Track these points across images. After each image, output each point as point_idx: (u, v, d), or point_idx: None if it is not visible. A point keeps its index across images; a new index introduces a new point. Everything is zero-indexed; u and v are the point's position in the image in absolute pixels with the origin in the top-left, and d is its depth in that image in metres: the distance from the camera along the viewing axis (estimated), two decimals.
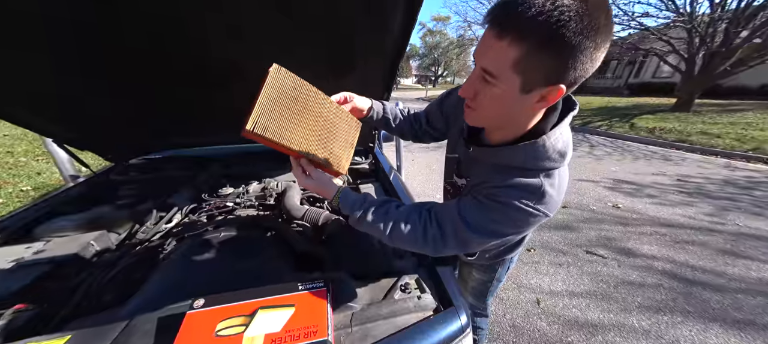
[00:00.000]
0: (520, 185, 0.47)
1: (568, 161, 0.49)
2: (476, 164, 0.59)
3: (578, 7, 0.32)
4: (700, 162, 4.35)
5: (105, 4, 0.63)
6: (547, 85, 0.39)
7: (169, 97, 1.04)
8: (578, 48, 0.34)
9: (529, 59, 0.36)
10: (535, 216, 0.47)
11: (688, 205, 2.82)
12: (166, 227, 1.04)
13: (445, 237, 0.52)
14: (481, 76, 0.41)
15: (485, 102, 0.44)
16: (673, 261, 1.95)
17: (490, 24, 0.37)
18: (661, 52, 7.83)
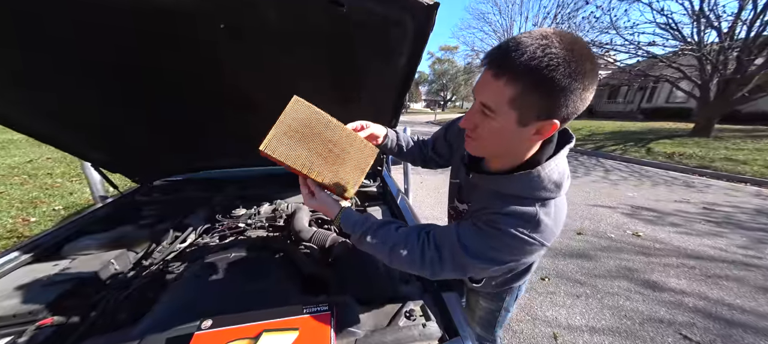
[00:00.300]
0: (516, 213, 0.48)
1: (565, 192, 0.51)
2: (476, 190, 0.61)
3: (566, 54, 0.36)
4: (726, 189, 4.12)
5: (149, 49, 0.74)
6: (541, 120, 0.42)
7: (194, 125, 1.15)
8: (568, 89, 0.38)
9: (524, 97, 0.40)
10: (530, 244, 0.47)
11: (718, 236, 2.63)
12: (180, 247, 1.09)
13: (442, 261, 0.53)
14: (480, 109, 0.45)
15: (484, 133, 0.48)
16: (706, 298, 1.79)
17: (488, 65, 0.42)
18: (672, 79, 7.79)
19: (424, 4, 0.65)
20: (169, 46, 0.73)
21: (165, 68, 0.81)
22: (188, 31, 0.68)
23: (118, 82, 0.86)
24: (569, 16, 10.99)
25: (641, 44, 7.52)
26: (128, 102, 0.95)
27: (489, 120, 0.44)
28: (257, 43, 0.74)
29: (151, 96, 0.94)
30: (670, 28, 7.17)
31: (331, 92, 0.99)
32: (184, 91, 0.92)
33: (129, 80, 0.85)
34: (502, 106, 0.42)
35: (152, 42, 0.70)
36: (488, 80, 0.42)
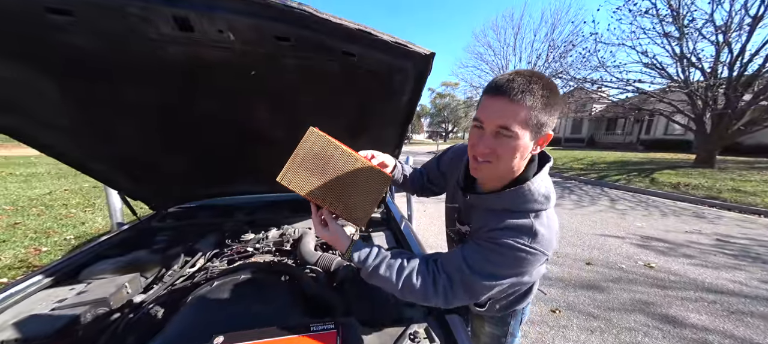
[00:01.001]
0: (512, 226, 0.54)
1: (553, 205, 0.57)
2: (474, 210, 0.66)
3: (547, 82, 0.50)
4: (739, 221, 4.02)
5: (185, 92, 0.86)
6: (541, 134, 0.53)
7: (210, 156, 1.25)
8: (552, 108, 0.51)
9: (533, 116, 0.49)
10: (532, 254, 0.52)
11: (737, 269, 2.53)
12: (190, 271, 1.12)
13: (454, 287, 0.56)
14: (496, 133, 0.51)
15: (505, 154, 0.52)
16: (733, 337, 1.68)
17: (501, 92, 0.49)
18: (666, 112, 8.09)
19: (422, 53, 0.79)
20: (203, 90, 0.85)
21: (193, 107, 0.93)
22: (223, 79, 0.80)
23: (152, 120, 0.98)
24: (560, 56, 11.84)
25: (630, 81, 7.99)
26: (158, 137, 1.07)
27: (507, 140, 0.50)
28: (276, 85, 0.87)
29: (175, 130, 1.05)
30: (656, 67, 7.66)
31: (340, 126, 1.11)
32: (203, 126, 1.03)
33: (162, 118, 0.97)
34: (519, 126, 0.49)
35: (189, 86, 0.83)
36: (505, 105, 0.49)
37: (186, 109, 0.93)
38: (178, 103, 0.90)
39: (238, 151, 1.21)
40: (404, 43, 0.77)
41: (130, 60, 0.70)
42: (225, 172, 1.38)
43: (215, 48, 0.65)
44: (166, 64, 0.71)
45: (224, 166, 1.33)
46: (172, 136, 1.06)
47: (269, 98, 0.93)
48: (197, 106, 0.92)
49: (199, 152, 1.20)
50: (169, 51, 0.65)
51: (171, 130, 1.03)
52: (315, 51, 0.71)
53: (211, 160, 1.26)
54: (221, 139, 1.12)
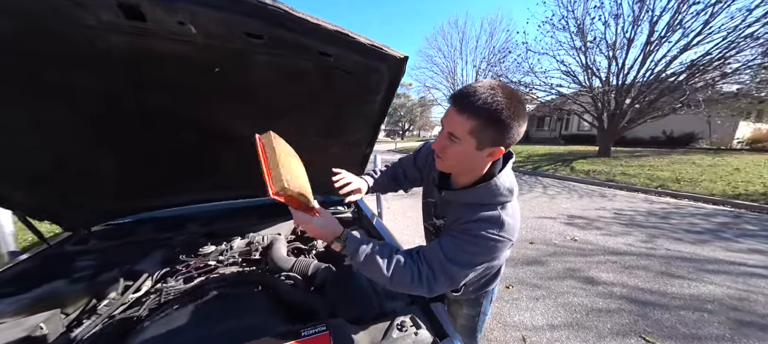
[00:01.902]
0: (484, 218, 0.61)
1: (516, 196, 0.66)
2: (449, 205, 0.73)
3: (507, 102, 0.53)
4: (626, 197, 5.19)
5: (122, 87, 0.73)
6: (492, 146, 0.57)
7: (155, 162, 1.05)
8: (509, 125, 0.54)
9: (480, 129, 0.54)
10: (501, 241, 0.60)
11: (627, 234, 3.28)
12: (134, 296, 0.95)
13: (436, 275, 0.60)
14: (448, 136, 0.59)
15: (451, 155, 0.61)
16: (627, 286, 2.18)
17: (453, 103, 0.56)
18: (578, 112, 9.91)
19: (397, 56, 0.82)
20: (151, 85, 0.72)
21: (136, 105, 0.77)
22: (179, 75, 0.70)
23: (75, 119, 0.78)
24: (499, 61, 13.40)
25: (553, 85, 9.56)
26: (81, 140, 0.86)
27: (455, 145, 0.58)
28: (245, 84, 0.79)
29: (108, 132, 0.86)
30: (570, 74, 9.32)
31: (314, 127, 1.07)
32: (147, 127, 0.86)
33: (90, 116, 0.78)
34: (464, 135, 0.56)
35: (133, 81, 0.70)
36: (453, 115, 0.56)
37: (126, 107, 0.78)
38: (116, 99, 0.75)
39: (193, 155, 1.06)
40: (380, 46, 0.79)
41: (50, 45, 0.56)
42: (175, 179, 1.19)
43: (173, 41, 0.57)
44: (102, 54, 0.59)
45: (174, 172, 1.15)
46: (102, 138, 0.87)
47: (236, 97, 0.84)
48: (142, 103, 0.78)
49: (141, 157, 1.01)
50: (110, 40, 0.54)
51: (102, 131, 0.85)
52: (290, 50, 0.69)
53: (156, 165, 1.08)
54: (171, 142, 0.97)
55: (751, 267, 2.48)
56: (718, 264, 2.52)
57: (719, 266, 2.49)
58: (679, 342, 1.60)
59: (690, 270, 2.41)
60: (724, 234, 3.28)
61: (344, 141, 1.17)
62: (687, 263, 2.55)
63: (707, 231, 3.38)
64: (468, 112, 0.53)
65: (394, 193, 1.04)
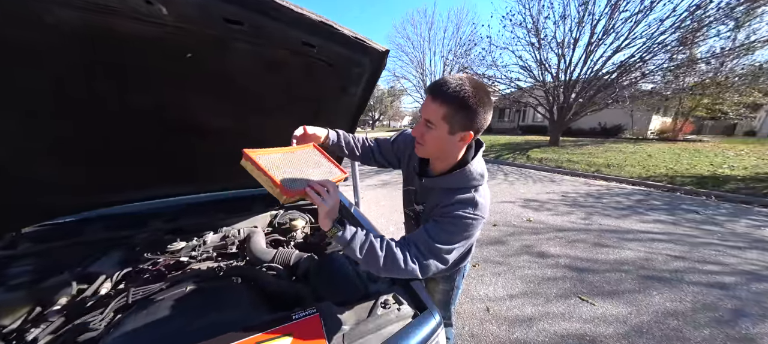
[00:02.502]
0: (460, 200, 0.69)
1: (486, 180, 0.76)
2: (428, 191, 0.80)
3: (473, 91, 0.61)
4: (570, 181, 5.98)
5: (70, 70, 0.64)
6: (463, 131, 0.65)
7: (110, 153, 0.94)
8: (476, 111, 0.62)
9: (451, 115, 0.62)
10: (476, 219, 0.69)
11: (571, 214, 3.81)
12: (91, 300, 0.86)
13: (425, 257, 0.66)
14: (425, 123, 0.66)
15: (429, 140, 0.68)
16: (569, 257, 2.58)
17: (429, 93, 0.64)
18: (533, 105, 10.92)
19: (379, 50, 0.85)
20: (110, 69, 0.64)
21: (87, 91, 0.68)
22: (144, 59, 0.63)
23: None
24: (465, 53, 13.98)
25: (512, 79, 10.34)
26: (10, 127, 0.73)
27: (431, 130, 0.66)
28: (222, 71, 0.75)
29: (49, 119, 0.74)
30: (526, 69, 10.17)
31: (294, 117, 1.04)
32: (100, 114, 0.77)
33: (21, 100, 0.67)
34: (438, 120, 0.63)
35: (86, 63, 0.61)
36: (429, 103, 0.63)
37: (75, 91, 0.68)
38: (62, 82, 0.65)
39: (155, 147, 0.97)
40: (363, 39, 0.81)
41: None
42: (131, 173, 1.07)
43: (138, 21, 0.52)
44: (49, 29, 0.51)
45: (130, 166, 1.03)
46: (40, 126, 0.75)
47: (211, 85, 0.79)
48: (94, 89, 0.69)
49: (87, 149, 0.89)
50: (59, 15, 0.47)
51: (40, 118, 0.73)
52: (271, 38, 0.66)
53: (108, 158, 0.96)
54: (128, 133, 0.87)
55: (654, 234, 3.10)
56: (633, 234, 3.10)
57: (634, 235, 3.06)
58: (604, 297, 1.98)
59: (615, 240, 2.93)
60: (639, 209, 4.02)
61: None
62: (613, 234, 3.09)
63: (628, 207, 4.10)
64: (440, 100, 0.62)
65: (369, 185, 1.06)
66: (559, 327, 1.69)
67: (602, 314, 1.81)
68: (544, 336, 1.63)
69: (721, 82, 8.43)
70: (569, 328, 1.69)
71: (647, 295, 2.00)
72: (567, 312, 1.84)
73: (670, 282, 2.17)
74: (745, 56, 7.91)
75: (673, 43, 7.35)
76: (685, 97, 9.91)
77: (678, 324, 1.72)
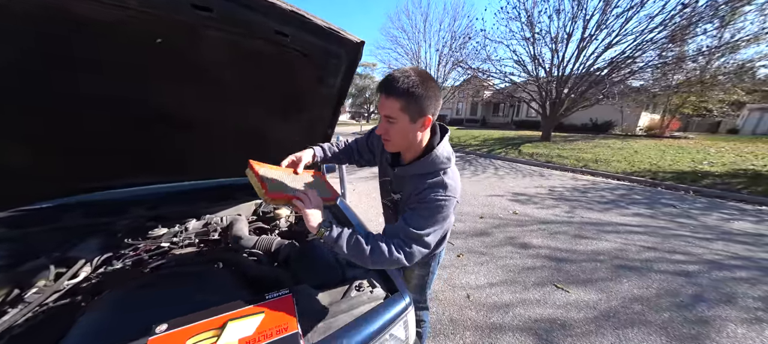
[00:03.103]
0: (431, 184, 0.74)
1: (454, 162, 0.80)
2: (402, 180, 0.84)
3: (419, 80, 0.66)
4: (559, 176, 6.13)
5: (27, 55, 0.64)
6: (421, 117, 0.69)
7: (80, 139, 0.94)
8: (427, 96, 0.67)
9: (406, 105, 0.67)
10: (448, 199, 0.73)
11: (556, 207, 3.93)
12: (70, 283, 0.88)
13: (409, 245, 0.70)
14: (386, 120, 0.70)
15: (394, 134, 0.72)
16: (550, 247, 2.68)
17: (382, 92, 0.68)
18: (526, 100, 11.02)
19: (354, 41, 0.86)
20: (68, 55, 0.64)
21: (47, 77, 0.68)
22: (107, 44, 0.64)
23: None
24: (460, 46, 13.90)
25: (507, 74, 10.38)
26: None
27: (393, 125, 0.70)
28: (195, 59, 0.75)
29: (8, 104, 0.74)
30: (520, 64, 10.20)
31: (273, 107, 1.06)
32: (64, 101, 0.78)
33: None
34: (397, 114, 0.68)
35: (42, 48, 0.61)
36: (384, 101, 0.68)
37: (36, 78, 0.68)
38: (21, 68, 0.65)
39: (130, 134, 0.97)
40: (336, 29, 0.82)
41: None
42: (106, 160, 1.08)
43: (96, 3, 0.52)
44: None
45: (103, 153, 1.03)
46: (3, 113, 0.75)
47: (185, 73, 0.79)
48: (54, 75, 0.69)
49: (53, 135, 0.89)
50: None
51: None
52: (243, 26, 0.67)
53: (77, 145, 0.96)
54: (98, 119, 0.87)
55: (632, 226, 3.24)
56: (612, 226, 3.23)
57: (613, 227, 3.20)
58: (579, 285, 2.08)
59: (594, 232, 3.05)
60: (621, 203, 4.17)
61: (305, 121, 1.18)
62: (593, 227, 3.21)
63: (610, 201, 4.25)
64: (394, 95, 0.66)
65: (361, 177, 1.11)
66: (534, 313, 1.78)
67: (575, 300, 1.92)
68: (518, 320, 1.72)
69: (706, 80, 8.64)
70: (543, 313, 1.78)
71: (618, 283, 2.12)
72: (542, 298, 1.93)
73: (639, 270, 2.30)
74: (730, 54, 8.12)
75: (662, 40, 7.48)
76: (673, 95, 10.16)
77: (642, 309, 1.83)
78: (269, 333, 0.59)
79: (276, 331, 0.59)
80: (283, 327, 0.60)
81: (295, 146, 0.94)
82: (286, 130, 1.25)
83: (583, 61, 9.04)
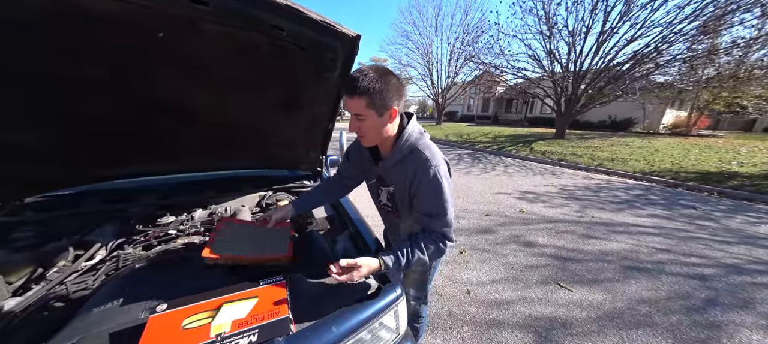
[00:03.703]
0: (417, 163, 0.78)
1: (428, 137, 0.84)
2: (388, 170, 0.87)
3: (377, 76, 0.68)
4: (571, 175, 5.93)
5: (39, 50, 0.68)
6: (386, 109, 0.72)
7: (97, 132, 1.01)
8: (386, 89, 0.70)
9: (371, 101, 0.69)
10: (439, 167, 0.77)
11: (565, 206, 3.82)
12: (87, 264, 0.95)
13: (435, 232, 0.78)
14: (356, 118, 0.73)
15: (365, 129, 0.75)
16: (556, 247, 2.63)
17: (346, 93, 0.71)
18: (540, 96, 10.64)
19: (349, 35, 0.87)
20: (78, 49, 0.69)
21: (62, 71, 0.73)
22: (115, 38, 0.67)
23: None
24: (473, 41, 13.53)
25: (520, 69, 10.04)
26: None
27: (364, 121, 0.73)
28: (195, 53, 0.78)
29: (29, 98, 0.81)
30: (535, 59, 9.83)
31: (271, 102, 1.09)
32: (79, 94, 0.84)
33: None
34: (364, 110, 0.70)
35: (55, 43, 0.66)
36: (349, 101, 0.71)
37: (48, 71, 0.73)
38: (34, 62, 0.70)
39: (141, 126, 1.03)
40: (332, 23, 0.83)
41: None
42: (121, 150, 1.15)
43: None
44: (13, 4, 0.55)
45: (119, 143, 1.10)
46: (22, 104, 0.81)
47: (185, 67, 0.83)
48: (68, 69, 0.74)
49: (77, 126, 0.96)
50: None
51: (21, 96, 0.79)
52: (239, 19, 0.69)
53: (98, 135, 1.03)
54: (113, 111, 0.93)
55: (645, 227, 3.11)
56: (624, 227, 3.11)
57: (625, 228, 3.08)
58: (583, 285, 2.03)
59: (604, 232, 2.95)
60: (636, 203, 4.00)
61: (305, 116, 1.20)
62: (604, 227, 3.11)
63: (625, 201, 4.08)
64: (357, 94, 0.69)
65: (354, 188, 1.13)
66: (535, 310, 1.77)
67: (578, 299, 1.88)
68: (518, 317, 1.71)
69: (741, 74, 8.01)
70: (544, 311, 1.76)
71: (625, 284, 2.05)
72: (545, 297, 1.90)
73: (650, 272, 2.21)
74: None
75: (692, 32, 6.98)
76: (701, 90, 9.51)
77: (649, 311, 1.77)
78: (261, 316, 0.62)
79: (267, 315, 0.63)
80: (275, 312, 0.64)
81: (297, 139, 0.96)
82: (287, 125, 1.28)
83: (603, 56, 8.60)
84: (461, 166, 6.61)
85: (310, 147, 1.52)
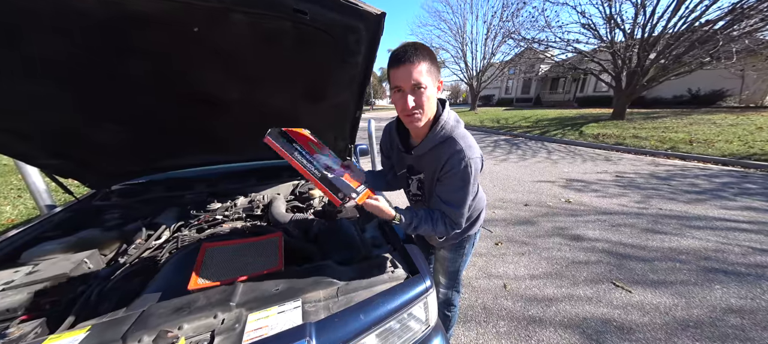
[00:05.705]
0: (449, 151, 0.75)
1: (463, 125, 0.80)
2: (421, 158, 0.84)
3: (426, 47, 0.69)
4: (632, 160, 5.12)
5: (111, 50, 0.77)
6: (438, 81, 0.73)
7: (156, 128, 1.15)
8: (437, 64, 0.72)
9: (428, 68, 0.69)
10: (473, 159, 0.73)
11: (623, 196, 3.33)
12: (156, 243, 1.11)
13: (449, 214, 0.79)
14: (414, 89, 0.69)
15: (425, 102, 0.71)
16: (610, 241, 2.31)
17: (403, 63, 0.67)
18: (595, 71, 9.23)
19: (373, 13, 0.81)
20: (133, 48, 0.76)
21: (123, 72, 0.84)
22: (159, 37, 0.73)
23: (71, 87, 0.86)
24: (513, 15, 12.17)
25: (570, 41, 8.76)
26: (84, 104, 0.95)
27: (423, 91, 0.70)
28: (225, 45, 0.82)
29: (109, 98, 0.94)
30: (590, 28, 8.46)
31: (299, 90, 1.10)
32: (141, 93, 0.94)
33: (86, 82, 0.86)
34: (426, 78, 0.69)
35: (114, 44, 0.74)
36: (409, 69, 0.67)
37: (113, 73, 0.83)
38: (102, 66, 0.80)
39: (188, 121, 1.14)
40: (354, 2, 0.79)
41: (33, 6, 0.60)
42: (176, 143, 1.30)
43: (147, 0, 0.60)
44: (80, 15, 0.62)
45: (174, 137, 1.24)
46: (93, 102, 0.95)
47: (219, 60, 0.88)
48: (128, 70, 0.83)
49: (142, 122, 1.10)
50: (87, 2, 0.58)
51: (92, 96, 0.92)
52: (264, 7, 0.70)
53: (158, 130, 1.17)
54: (167, 107, 1.04)
55: (737, 222, 2.54)
56: (705, 221, 2.59)
57: (706, 222, 2.56)
58: (646, 287, 1.76)
59: (675, 227, 2.50)
60: (724, 193, 3.29)
61: (331, 103, 1.20)
62: (674, 220, 2.63)
63: (706, 191, 3.39)
64: (417, 60, 0.67)
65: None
66: (582, 310, 1.59)
67: (639, 302, 1.64)
68: (563, 316, 1.56)
69: None
70: (594, 312, 1.58)
71: (706, 288, 1.72)
72: (595, 296, 1.70)
73: (743, 276, 1.82)
74: None
75: None
76: None
77: (741, 323, 1.46)
78: None
79: None
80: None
81: (325, 126, 0.96)
82: (316, 114, 1.29)
83: (684, 15, 6.99)
84: (497, 153, 6.16)
85: (338, 135, 1.53)
